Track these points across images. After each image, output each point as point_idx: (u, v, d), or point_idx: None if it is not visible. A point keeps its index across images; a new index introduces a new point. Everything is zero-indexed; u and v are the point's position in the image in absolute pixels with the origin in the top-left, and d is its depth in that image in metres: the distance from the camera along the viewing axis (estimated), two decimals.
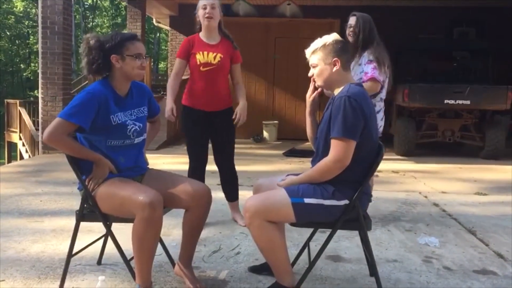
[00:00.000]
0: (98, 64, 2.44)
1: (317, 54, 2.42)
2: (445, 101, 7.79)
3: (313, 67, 2.45)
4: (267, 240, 2.33)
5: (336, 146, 2.28)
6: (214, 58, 3.62)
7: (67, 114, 2.35)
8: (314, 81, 2.50)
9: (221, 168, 3.86)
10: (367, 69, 3.63)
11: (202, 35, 3.69)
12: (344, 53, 2.42)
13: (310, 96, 2.59)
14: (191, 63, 3.66)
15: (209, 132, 3.74)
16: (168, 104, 3.60)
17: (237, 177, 3.93)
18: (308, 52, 2.47)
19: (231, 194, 3.92)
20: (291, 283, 2.38)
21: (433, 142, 8.52)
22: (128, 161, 2.54)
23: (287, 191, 2.34)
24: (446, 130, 8.31)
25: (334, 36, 2.44)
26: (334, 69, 2.39)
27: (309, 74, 2.49)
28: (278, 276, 2.40)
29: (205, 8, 3.59)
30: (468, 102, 7.75)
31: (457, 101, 7.75)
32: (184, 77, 3.81)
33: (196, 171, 3.72)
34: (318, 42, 2.43)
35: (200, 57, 3.60)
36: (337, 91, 2.42)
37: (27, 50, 33.56)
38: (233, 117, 3.65)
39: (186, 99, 3.74)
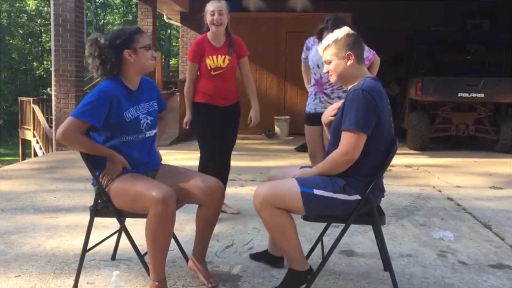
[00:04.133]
0: (112, 63, 2.44)
1: (330, 50, 2.39)
2: (459, 95, 7.70)
3: (327, 63, 2.43)
4: (277, 226, 2.33)
5: (345, 139, 2.26)
6: (223, 61, 3.67)
7: (78, 113, 2.36)
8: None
9: (220, 158, 3.87)
10: (366, 54, 3.82)
11: (210, 37, 3.71)
12: (357, 46, 2.39)
13: (327, 117, 2.55)
14: (201, 67, 3.71)
15: (218, 126, 3.78)
16: (187, 116, 3.82)
17: (230, 167, 4.01)
18: (320, 48, 2.45)
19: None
20: (304, 267, 2.39)
21: (446, 136, 8.43)
22: (143, 155, 2.55)
23: (298, 181, 2.34)
24: (460, 124, 8.21)
25: (346, 30, 2.41)
26: (348, 63, 2.36)
27: (324, 71, 2.48)
28: (291, 262, 2.41)
29: (213, 15, 3.59)
30: (482, 95, 7.65)
31: (471, 94, 7.66)
32: None
33: (209, 166, 3.72)
34: (330, 38, 2.41)
35: (210, 62, 3.64)
36: (352, 86, 2.40)
37: (39, 48, 33.84)
38: (248, 121, 3.86)
39: (197, 97, 3.78)
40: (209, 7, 3.63)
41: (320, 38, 3.73)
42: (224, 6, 3.65)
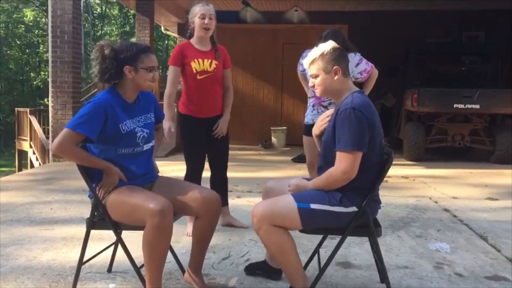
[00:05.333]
0: (111, 74, 2.46)
1: (316, 64, 2.39)
2: (455, 106, 7.75)
3: (314, 77, 2.44)
4: (276, 245, 2.33)
5: (343, 159, 2.26)
6: (210, 65, 3.58)
7: (73, 125, 2.37)
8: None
9: (217, 173, 3.83)
10: (365, 66, 3.97)
11: (194, 42, 3.62)
12: (343, 60, 2.40)
13: (318, 128, 2.57)
14: (186, 71, 3.59)
15: (206, 138, 3.69)
16: (167, 122, 3.40)
17: (227, 181, 3.94)
18: (306, 62, 2.45)
19: (223, 199, 3.89)
20: (305, 285, 2.37)
21: (442, 147, 8.47)
22: (139, 168, 2.56)
23: (294, 197, 2.34)
24: (455, 135, 8.25)
25: (332, 44, 2.42)
26: (336, 77, 2.38)
27: (310, 84, 2.49)
28: (291, 279, 2.40)
29: (203, 18, 3.50)
30: (477, 106, 7.71)
31: (466, 106, 7.71)
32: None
33: (194, 178, 3.65)
34: (316, 52, 2.41)
35: (196, 66, 3.54)
36: (338, 100, 2.41)
37: (37, 59, 33.86)
38: (213, 128, 3.67)
39: (183, 107, 3.68)
40: (199, 10, 3.52)
41: None
42: (213, 11, 3.57)
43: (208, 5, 3.58)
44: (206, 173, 3.82)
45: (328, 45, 2.41)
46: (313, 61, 2.41)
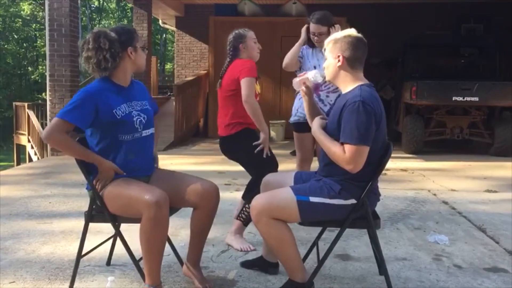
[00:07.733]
0: (119, 57, 2.43)
1: (328, 47, 2.41)
2: (453, 98, 7.75)
3: (326, 58, 2.45)
4: (275, 237, 2.33)
5: (349, 152, 2.22)
6: (260, 88, 3.51)
7: (62, 113, 2.36)
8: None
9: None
10: None
11: None
12: (352, 49, 2.34)
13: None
14: None
15: None
16: (265, 134, 3.26)
17: None
18: (325, 42, 2.46)
19: None
20: (304, 278, 2.37)
21: (441, 140, 8.48)
22: (139, 158, 2.52)
23: (293, 189, 2.34)
24: (454, 127, 8.26)
25: (347, 32, 2.40)
26: (338, 64, 2.36)
27: (324, 65, 2.47)
28: (290, 272, 2.40)
29: (256, 42, 3.53)
30: (476, 99, 7.71)
31: (465, 98, 7.71)
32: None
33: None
34: (334, 34, 2.43)
35: (257, 87, 3.42)
36: (344, 89, 2.39)
37: (34, 53, 33.72)
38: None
39: (248, 123, 3.37)
40: (251, 35, 3.59)
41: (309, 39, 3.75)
42: None
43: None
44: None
45: (344, 32, 2.40)
46: (328, 42, 2.42)
